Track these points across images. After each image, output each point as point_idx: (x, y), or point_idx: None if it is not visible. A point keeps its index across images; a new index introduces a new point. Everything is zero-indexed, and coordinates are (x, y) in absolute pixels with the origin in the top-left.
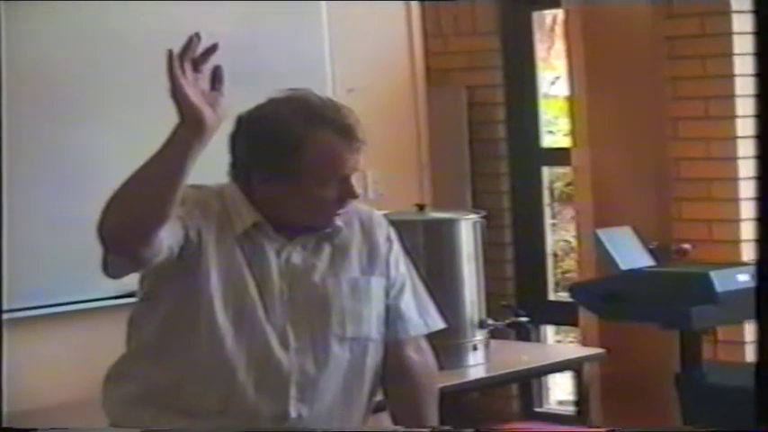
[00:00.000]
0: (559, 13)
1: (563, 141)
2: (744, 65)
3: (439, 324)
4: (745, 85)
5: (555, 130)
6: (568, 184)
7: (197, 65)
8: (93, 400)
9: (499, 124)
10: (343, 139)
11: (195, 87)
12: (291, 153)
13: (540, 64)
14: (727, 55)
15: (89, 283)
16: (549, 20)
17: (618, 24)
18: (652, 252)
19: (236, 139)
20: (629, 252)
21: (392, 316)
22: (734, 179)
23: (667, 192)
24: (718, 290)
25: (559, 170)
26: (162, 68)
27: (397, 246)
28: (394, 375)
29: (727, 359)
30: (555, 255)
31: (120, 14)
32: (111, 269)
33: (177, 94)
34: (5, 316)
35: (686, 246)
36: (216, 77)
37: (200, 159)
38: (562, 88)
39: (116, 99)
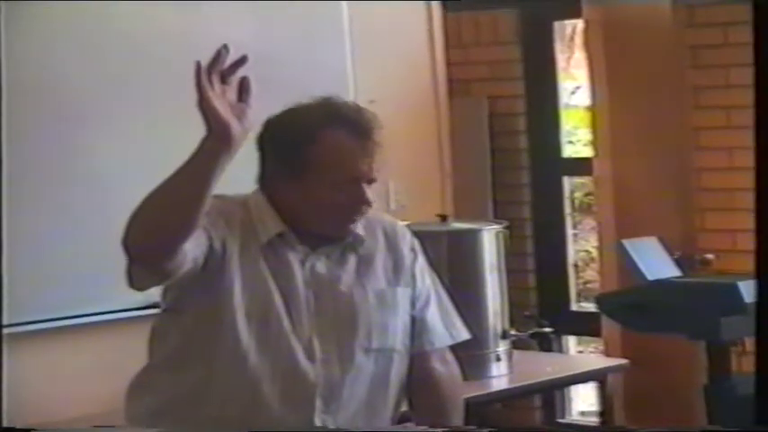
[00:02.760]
0: (580, 23)
1: (583, 151)
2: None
3: (464, 335)
4: None
5: (575, 140)
6: (588, 194)
7: (225, 77)
8: (104, 413)
9: (520, 135)
10: (356, 138)
11: (223, 99)
12: (303, 147)
13: (560, 74)
14: (751, 64)
15: (99, 296)
16: (569, 30)
17: (639, 33)
18: (678, 262)
19: (262, 142)
20: (655, 262)
21: (418, 328)
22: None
23: (690, 202)
24: (746, 300)
25: (580, 180)
26: (174, 76)
27: (421, 257)
28: (419, 387)
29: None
30: (576, 265)
31: (134, 20)
32: (136, 281)
33: (205, 106)
34: (14, 330)
35: (709, 256)
36: (243, 89)
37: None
38: (582, 98)
39: (126, 107)
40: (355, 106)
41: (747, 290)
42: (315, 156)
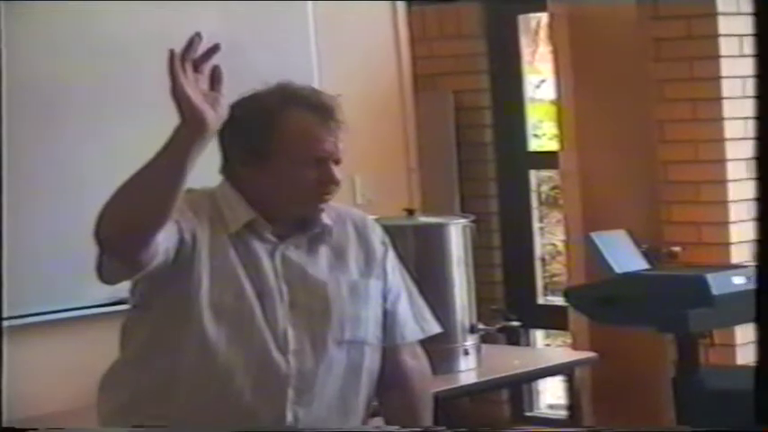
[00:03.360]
0: (545, 17)
1: (549, 145)
2: (730, 67)
3: (435, 328)
4: (732, 88)
5: (540, 133)
6: (554, 188)
7: (197, 65)
8: (88, 408)
9: (486, 128)
10: (318, 117)
11: (196, 87)
12: (266, 130)
13: (525, 68)
14: (714, 57)
15: (83, 291)
16: (533, 23)
17: (604, 27)
18: (646, 255)
19: (222, 131)
20: (624, 255)
21: (389, 321)
22: (722, 181)
23: (656, 194)
24: (714, 293)
25: (545, 174)
26: (158, 74)
27: (391, 251)
28: (389, 381)
29: (718, 362)
30: (542, 259)
31: (116, 20)
32: (107, 274)
33: (178, 93)
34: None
35: (676, 248)
36: (215, 78)
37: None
38: (547, 92)
39: (115, 107)
40: (313, 88)
41: (715, 282)
42: (278, 137)
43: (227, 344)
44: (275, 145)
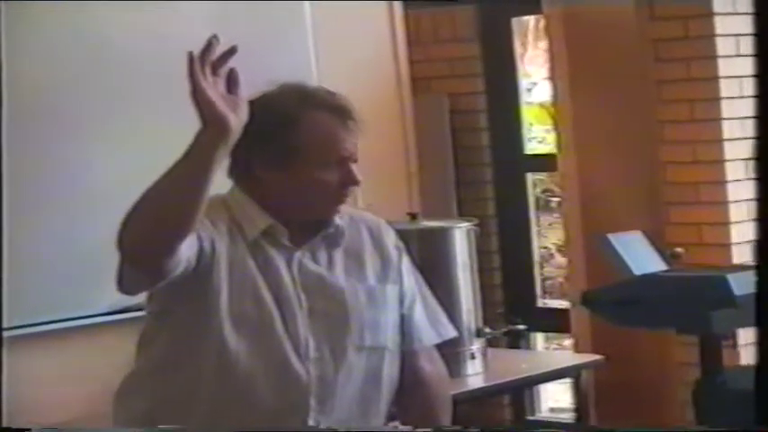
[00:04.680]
0: (536, 19)
1: (542, 148)
2: (728, 67)
3: (451, 332)
4: (730, 88)
5: (531, 137)
6: (545, 191)
7: (215, 68)
8: (91, 416)
9: (482, 132)
10: (337, 119)
11: (216, 90)
12: (287, 133)
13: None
14: (712, 57)
15: (89, 299)
16: (526, 26)
17: (600, 28)
18: (664, 256)
19: None
20: (642, 256)
21: (406, 325)
22: (722, 182)
23: (655, 196)
24: (736, 293)
25: (538, 177)
26: (158, 77)
27: (406, 254)
28: (407, 385)
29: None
30: (539, 262)
31: (118, 22)
32: (127, 284)
33: (199, 97)
34: (7, 333)
35: (679, 249)
36: (232, 80)
37: None
38: (537, 95)
39: (125, 113)
40: (327, 90)
41: (737, 282)
42: (299, 139)
43: (247, 353)
44: (296, 146)
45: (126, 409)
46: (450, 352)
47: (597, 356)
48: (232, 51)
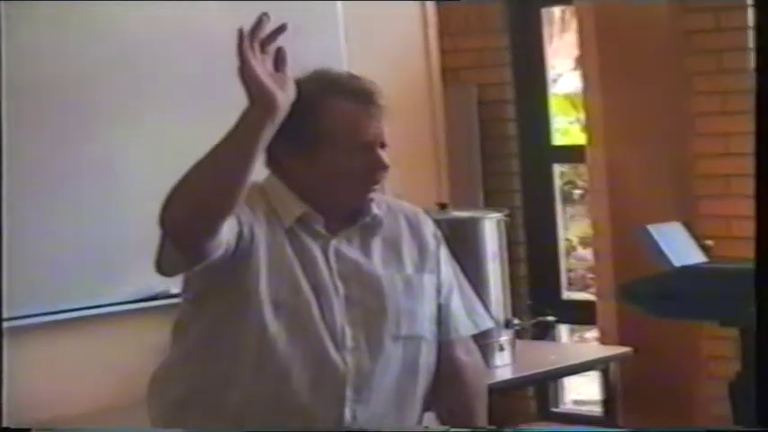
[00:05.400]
0: (561, 10)
1: (564, 139)
2: None
3: (487, 323)
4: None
5: (557, 128)
6: (568, 183)
7: (263, 46)
8: (119, 406)
9: (510, 122)
10: (360, 104)
11: (264, 68)
12: (308, 121)
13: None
14: (744, 49)
15: (113, 287)
16: (555, 16)
17: (632, 18)
18: (704, 248)
19: None
20: (681, 248)
21: (443, 315)
22: (753, 175)
23: (685, 188)
24: None
25: (561, 168)
26: (186, 68)
27: (443, 244)
28: (443, 376)
29: None
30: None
31: (140, 15)
32: (165, 265)
33: (248, 74)
34: (20, 322)
35: (709, 242)
36: (279, 59)
37: None
38: (562, 86)
39: (145, 102)
40: (351, 74)
41: None
42: (321, 126)
43: (285, 340)
44: (318, 134)
45: (160, 397)
46: (481, 343)
47: (624, 349)
48: (282, 29)
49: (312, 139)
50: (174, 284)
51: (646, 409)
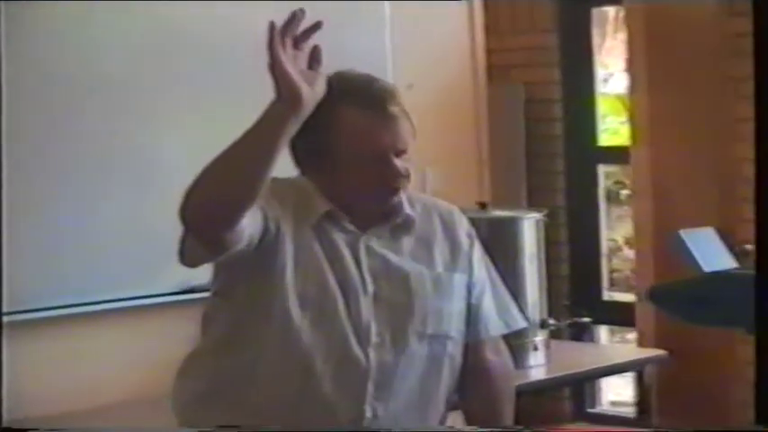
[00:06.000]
0: (615, 10)
1: (613, 139)
2: None
3: (520, 323)
4: None
5: (606, 128)
6: (617, 183)
7: (298, 43)
8: (148, 397)
9: (556, 122)
10: (370, 112)
11: (294, 64)
12: (320, 130)
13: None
14: None
15: (155, 279)
16: (606, 16)
17: (680, 21)
18: (735, 254)
19: None
20: (713, 253)
21: (473, 315)
22: None
23: (729, 192)
24: None
25: (609, 169)
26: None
27: (478, 243)
28: (471, 376)
29: None
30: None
31: (180, 11)
32: (188, 257)
33: (276, 68)
34: (34, 315)
35: (749, 246)
36: (314, 57)
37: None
38: (614, 86)
39: (191, 100)
40: (367, 79)
41: None
42: (333, 136)
43: (308, 334)
44: (331, 144)
45: (185, 390)
46: (514, 343)
47: (660, 351)
48: (317, 26)
49: (324, 149)
50: None
51: (682, 411)
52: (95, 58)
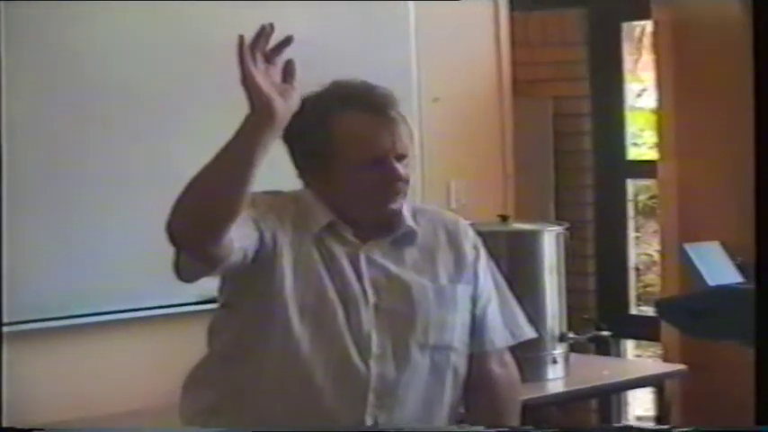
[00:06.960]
0: (649, 25)
1: (648, 154)
2: None
3: (528, 334)
4: None
5: (640, 142)
6: (651, 198)
7: (270, 57)
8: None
9: (585, 136)
10: (369, 115)
11: (266, 77)
12: (319, 135)
13: (626, 76)
14: None
15: (176, 288)
16: (638, 31)
17: (709, 35)
18: (741, 268)
19: (285, 138)
20: (717, 267)
21: (477, 326)
22: None
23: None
24: None
25: (642, 183)
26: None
27: (483, 254)
28: (476, 388)
29: None
30: (637, 268)
31: (208, 20)
32: (183, 272)
33: (247, 81)
34: (46, 324)
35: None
36: (287, 71)
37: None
38: (648, 101)
39: (206, 106)
40: (365, 85)
41: None
42: (332, 141)
43: (308, 345)
44: (330, 149)
45: (192, 401)
46: (532, 356)
47: (681, 366)
48: (287, 41)
49: (324, 156)
50: None
51: (705, 426)
52: (116, 63)
